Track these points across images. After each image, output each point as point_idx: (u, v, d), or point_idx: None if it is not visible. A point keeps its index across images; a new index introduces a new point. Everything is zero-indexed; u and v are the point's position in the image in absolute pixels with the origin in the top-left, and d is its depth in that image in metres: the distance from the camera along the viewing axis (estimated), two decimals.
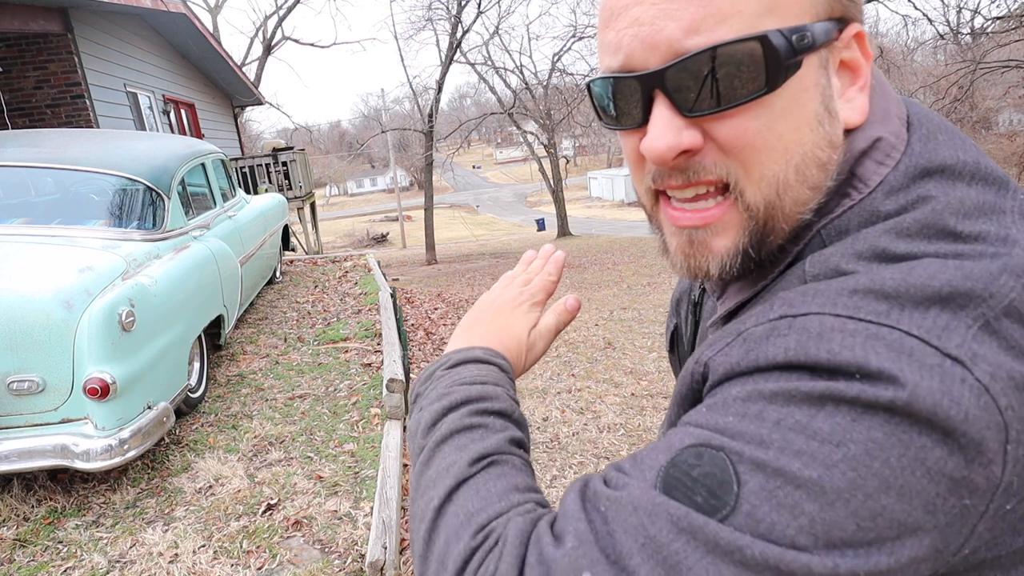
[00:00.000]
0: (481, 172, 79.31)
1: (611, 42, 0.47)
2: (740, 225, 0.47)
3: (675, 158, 0.45)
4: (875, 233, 0.44)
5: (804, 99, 0.44)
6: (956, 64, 16.08)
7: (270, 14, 20.65)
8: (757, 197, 0.46)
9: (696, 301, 0.70)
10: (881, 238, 0.43)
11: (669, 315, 0.81)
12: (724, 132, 0.44)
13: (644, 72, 0.45)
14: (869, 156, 0.47)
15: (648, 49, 0.44)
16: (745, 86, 0.43)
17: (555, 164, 24.34)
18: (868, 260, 0.42)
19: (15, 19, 5.40)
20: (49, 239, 2.97)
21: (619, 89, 0.47)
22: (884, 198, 0.45)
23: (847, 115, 0.47)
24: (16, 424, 2.43)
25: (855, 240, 0.44)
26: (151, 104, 8.46)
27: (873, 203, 0.45)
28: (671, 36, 0.43)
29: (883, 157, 0.47)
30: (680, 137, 0.45)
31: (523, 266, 0.75)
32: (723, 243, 0.48)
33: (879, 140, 0.47)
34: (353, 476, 2.75)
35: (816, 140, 0.45)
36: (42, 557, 2.24)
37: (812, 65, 0.44)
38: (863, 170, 0.47)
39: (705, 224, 0.48)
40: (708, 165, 0.46)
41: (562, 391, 4.50)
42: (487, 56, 22.85)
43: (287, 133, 29.02)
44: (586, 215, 39.08)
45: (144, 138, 4.27)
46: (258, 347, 4.38)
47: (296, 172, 10.42)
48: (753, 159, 0.45)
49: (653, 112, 0.46)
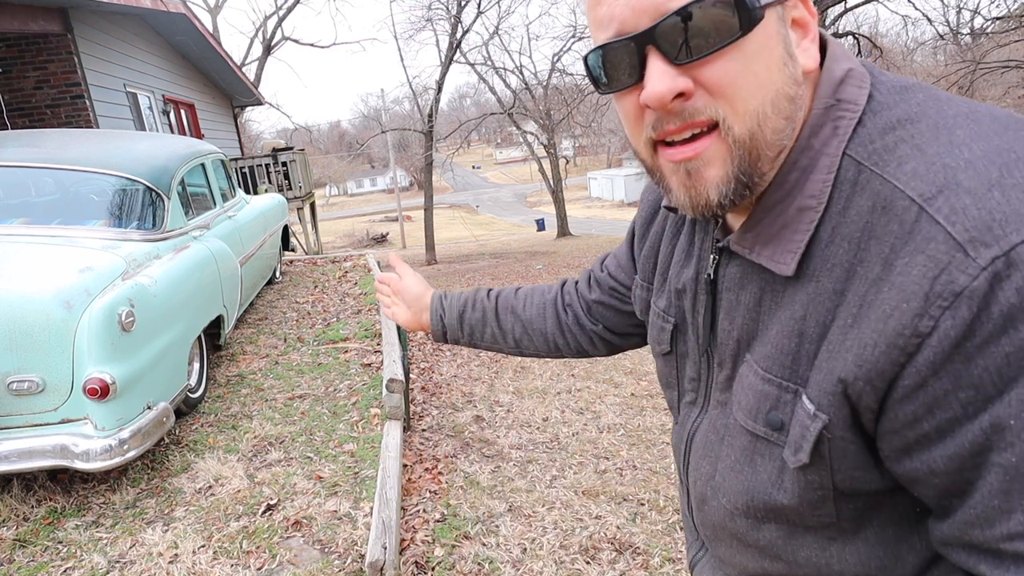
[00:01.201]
0: (481, 172, 79.30)
1: (603, 16, 0.55)
2: (728, 155, 0.54)
3: (672, 101, 0.53)
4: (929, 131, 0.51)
5: (771, 44, 0.53)
6: (956, 64, 16.07)
7: (270, 14, 20.67)
8: (743, 129, 0.53)
9: (710, 279, 0.68)
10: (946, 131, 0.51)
11: (655, 320, 0.79)
12: (710, 75, 0.52)
13: (637, 32, 0.52)
14: (847, 83, 0.56)
15: (638, 14, 0.52)
16: (723, 33, 0.51)
17: (555, 164, 24.35)
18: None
19: (15, 19, 5.40)
20: (49, 239, 2.97)
21: (616, 53, 0.55)
22: (891, 107, 0.54)
23: (804, 61, 0.56)
24: (16, 424, 2.43)
25: (923, 150, 0.50)
26: (151, 104, 8.46)
27: (886, 118, 0.54)
28: (657, 0, 0.51)
29: (859, 82, 0.56)
30: (675, 82, 0.52)
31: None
32: (716, 172, 0.55)
33: (851, 70, 0.57)
34: (353, 476, 2.75)
35: (784, 78, 0.54)
36: (42, 557, 2.24)
37: (772, 17, 0.53)
38: (847, 94, 0.56)
39: (697, 154, 0.55)
40: (700, 107, 0.53)
41: (562, 391, 4.50)
42: (487, 56, 22.87)
43: (287, 133, 29.01)
44: (586, 215, 39.08)
45: (144, 138, 4.27)
46: (258, 347, 4.38)
47: (296, 172, 10.42)
48: (737, 96, 0.52)
49: (648, 66, 0.53)
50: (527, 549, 2.45)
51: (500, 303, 1.05)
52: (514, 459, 3.33)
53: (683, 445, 0.76)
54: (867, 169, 0.52)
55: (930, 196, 0.47)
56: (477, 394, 4.41)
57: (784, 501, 0.60)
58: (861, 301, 0.50)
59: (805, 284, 0.55)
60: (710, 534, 0.74)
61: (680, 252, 0.74)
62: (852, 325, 0.51)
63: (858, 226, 0.51)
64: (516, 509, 2.77)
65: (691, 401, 0.75)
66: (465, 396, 4.36)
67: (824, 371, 0.53)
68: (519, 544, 2.48)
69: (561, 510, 2.77)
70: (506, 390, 4.52)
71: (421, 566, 2.30)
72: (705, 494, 0.71)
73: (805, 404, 0.55)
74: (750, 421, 0.61)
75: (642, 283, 0.84)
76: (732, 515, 0.67)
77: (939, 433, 0.48)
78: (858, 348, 0.50)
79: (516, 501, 2.84)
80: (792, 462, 0.57)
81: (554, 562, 2.37)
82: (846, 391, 0.52)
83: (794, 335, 0.56)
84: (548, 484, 3.04)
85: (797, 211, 0.55)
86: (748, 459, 0.63)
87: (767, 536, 0.65)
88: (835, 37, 13.53)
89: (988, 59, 14.82)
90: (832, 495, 0.58)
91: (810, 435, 0.55)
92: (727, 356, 0.66)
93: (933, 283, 0.45)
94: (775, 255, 0.57)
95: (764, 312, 0.60)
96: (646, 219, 0.84)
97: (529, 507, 2.79)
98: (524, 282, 10.92)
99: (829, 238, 0.53)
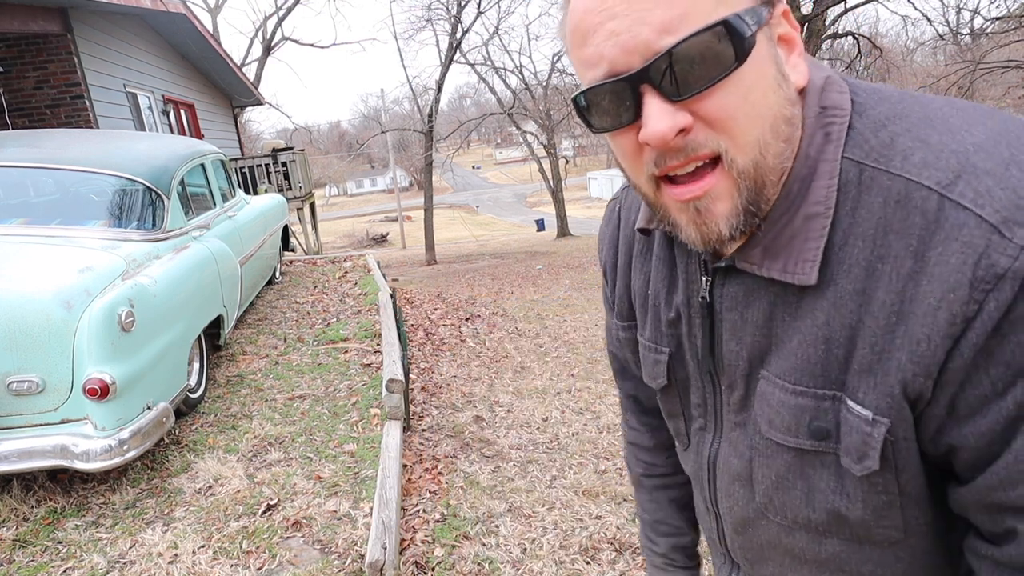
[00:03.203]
0: (481, 172, 79.29)
1: (591, 56, 0.53)
2: (735, 188, 0.53)
3: (674, 138, 0.51)
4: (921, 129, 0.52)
5: (764, 68, 0.52)
6: (956, 64, 16.06)
7: (270, 14, 20.69)
8: (746, 160, 0.52)
9: (705, 302, 0.65)
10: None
11: (646, 355, 0.76)
12: (709, 108, 0.51)
13: (630, 72, 0.50)
14: (828, 90, 0.56)
15: (629, 54, 0.50)
16: (718, 65, 0.49)
17: (555, 164, 24.35)
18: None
19: (15, 19, 5.40)
20: (49, 239, 2.97)
21: (610, 93, 0.53)
22: (874, 106, 0.55)
23: (795, 78, 0.55)
24: (16, 424, 2.43)
25: (924, 143, 0.51)
26: (151, 104, 8.46)
27: (873, 118, 0.54)
28: (647, 39, 0.49)
29: (839, 88, 0.57)
30: (675, 119, 0.51)
31: None
32: (724, 207, 0.54)
33: (828, 77, 0.57)
34: (353, 476, 2.75)
35: (780, 100, 0.53)
36: (42, 557, 2.24)
37: (763, 39, 0.52)
38: (831, 100, 0.56)
39: (705, 192, 0.54)
40: (701, 140, 0.52)
41: (562, 391, 4.50)
42: (487, 56, 22.87)
43: (287, 133, 29.00)
44: (586, 215, 39.03)
45: (144, 138, 4.27)
46: (258, 347, 4.38)
47: (296, 172, 10.42)
48: (736, 128, 0.51)
49: (645, 105, 0.51)
50: (527, 549, 2.45)
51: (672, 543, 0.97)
52: (514, 459, 3.33)
53: (704, 473, 0.74)
54: (869, 168, 0.52)
55: (948, 183, 0.47)
56: (477, 394, 4.40)
57: (849, 510, 0.60)
58: (900, 298, 0.50)
59: (823, 290, 0.55)
60: (753, 556, 0.73)
61: (660, 279, 0.72)
62: (898, 323, 0.50)
63: (871, 224, 0.51)
64: (516, 509, 2.77)
65: (701, 427, 0.73)
66: (465, 396, 4.36)
67: (878, 374, 0.52)
68: (519, 544, 2.48)
69: (561, 510, 2.77)
70: (506, 390, 4.52)
71: (421, 566, 2.30)
72: (748, 517, 0.69)
73: (855, 409, 0.54)
74: (790, 437, 0.60)
75: (622, 325, 0.82)
76: (790, 531, 0.66)
77: (971, 409, 0.49)
78: (911, 346, 0.49)
79: (516, 501, 2.84)
80: (858, 470, 0.56)
81: (554, 562, 2.37)
82: (905, 391, 0.51)
83: (820, 342, 0.56)
84: (548, 484, 3.04)
85: (804, 220, 0.55)
86: (799, 474, 0.62)
87: (830, 549, 0.64)
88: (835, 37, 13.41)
89: (988, 59, 14.82)
90: (899, 500, 0.58)
91: (874, 441, 0.54)
92: (738, 377, 0.64)
93: (975, 268, 0.45)
94: (788, 266, 0.56)
95: (778, 326, 0.59)
96: (611, 261, 0.81)
97: (529, 507, 2.79)
98: (523, 281, 10.92)
99: (842, 241, 0.53)
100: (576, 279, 10.69)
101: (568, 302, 8.23)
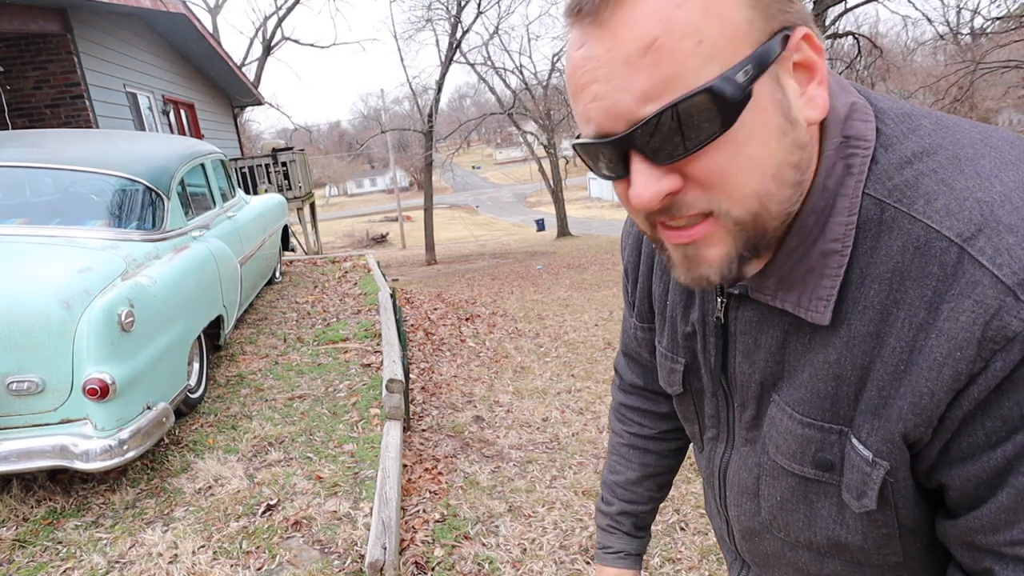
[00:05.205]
0: (481, 172, 79.27)
1: (581, 114, 0.52)
2: (729, 235, 0.51)
3: (660, 201, 0.50)
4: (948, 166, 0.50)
5: (764, 118, 0.48)
6: (956, 64, 16.07)
7: (270, 14, 20.71)
8: (743, 212, 0.50)
9: (720, 322, 0.65)
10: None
11: (663, 361, 0.77)
12: (698, 170, 0.49)
13: (614, 137, 0.49)
14: (852, 118, 0.53)
15: (611, 119, 0.49)
16: (704, 131, 0.46)
17: (555, 164, 24.35)
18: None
19: (15, 19, 5.40)
20: (48, 239, 2.97)
21: (599, 151, 0.52)
22: (902, 139, 0.52)
23: (808, 114, 0.50)
24: (15, 425, 2.43)
25: (950, 186, 0.48)
26: (151, 104, 8.46)
27: (899, 153, 0.51)
28: (627, 107, 0.47)
29: (864, 116, 0.53)
30: (660, 184, 0.49)
31: None
32: (716, 252, 0.53)
33: (854, 104, 0.54)
34: (353, 476, 2.75)
35: (785, 148, 0.49)
36: (41, 558, 2.24)
37: (764, 86, 0.47)
38: (854, 130, 0.53)
39: (693, 240, 0.52)
40: (691, 201, 0.50)
41: (562, 391, 4.50)
42: (487, 56, 22.87)
43: (287, 133, 29.01)
44: (586, 215, 39.05)
45: (144, 138, 4.27)
46: (258, 347, 4.38)
47: (295, 172, 10.42)
48: (731, 185, 0.49)
49: (632, 166, 0.50)
50: (527, 549, 2.45)
51: (627, 506, 0.99)
52: (514, 459, 3.33)
53: (716, 480, 0.76)
54: (891, 207, 0.50)
55: (969, 236, 0.46)
56: (477, 394, 4.40)
57: (848, 539, 0.61)
58: (910, 347, 0.49)
59: (837, 328, 0.54)
60: (761, 561, 0.75)
61: (678, 292, 0.72)
62: (904, 372, 0.50)
63: (888, 267, 0.50)
64: (516, 509, 2.77)
65: (713, 437, 0.75)
66: (465, 396, 4.36)
67: (881, 418, 0.53)
68: (519, 544, 2.48)
69: (561, 510, 2.77)
70: (506, 390, 4.52)
71: (421, 566, 2.30)
72: (754, 528, 0.71)
73: (857, 447, 0.55)
74: (796, 465, 0.61)
75: (640, 325, 0.83)
76: (793, 548, 0.68)
77: (963, 455, 0.50)
78: (913, 396, 0.50)
79: (516, 501, 2.84)
80: (856, 507, 0.57)
81: (554, 562, 2.37)
82: (906, 437, 0.52)
83: (830, 379, 0.55)
84: (548, 484, 3.04)
85: (821, 255, 0.53)
86: (802, 498, 0.63)
87: (831, 567, 0.66)
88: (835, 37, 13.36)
89: (988, 59, 14.83)
90: (898, 532, 0.59)
91: (873, 482, 0.55)
92: (750, 398, 0.65)
93: (985, 329, 0.45)
94: (802, 301, 0.55)
95: (790, 354, 0.59)
96: (633, 263, 0.81)
97: (529, 507, 2.79)
98: (523, 281, 10.92)
99: (859, 280, 0.52)
100: (576, 279, 10.68)
101: (568, 302, 8.22)
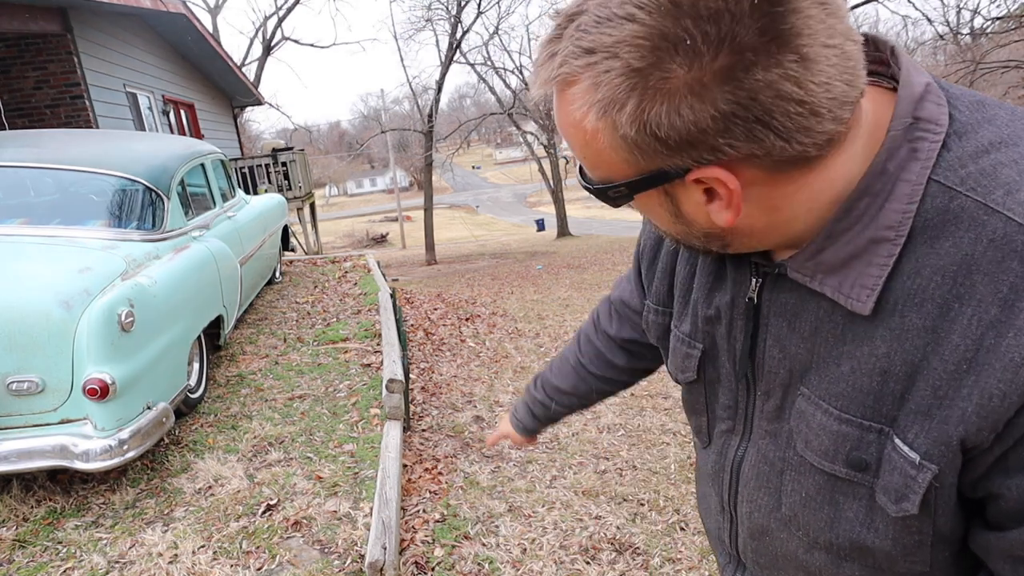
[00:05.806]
0: (481, 172, 79.26)
1: None
2: None
3: None
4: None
5: (654, 208, 0.56)
6: (956, 64, 16.06)
7: (270, 14, 20.70)
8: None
9: (752, 303, 0.63)
10: None
11: (677, 346, 0.74)
12: None
13: (591, 188, 0.57)
14: (926, 99, 0.50)
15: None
16: (624, 197, 0.55)
17: (555, 164, 24.34)
18: None
19: (14, 19, 5.40)
20: (48, 239, 2.97)
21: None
22: (977, 127, 0.50)
23: (716, 220, 0.53)
24: (15, 425, 2.43)
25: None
26: (151, 104, 8.46)
27: (975, 141, 0.49)
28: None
29: (938, 99, 0.51)
30: None
31: None
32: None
33: (928, 84, 0.51)
34: (353, 476, 2.75)
35: (687, 230, 0.57)
36: (41, 557, 2.24)
37: (651, 195, 0.54)
38: (926, 112, 0.50)
39: None
40: None
41: None
42: (487, 56, 22.86)
43: (287, 133, 28.98)
44: (586, 215, 39.03)
45: (143, 138, 4.27)
46: (258, 347, 4.38)
47: (296, 172, 10.42)
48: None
49: None
50: (527, 549, 2.45)
51: (554, 398, 1.18)
52: (514, 459, 3.32)
53: (727, 475, 0.72)
54: (962, 195, 0.47)
55: None
56: (477, 394, 4.40)
57: (875, 543, 0.58)
58: (976, 345, 0.46)
59: (885, 319, 0.51)
60: (766, 562, 0.72)
61: (706, 274, 0.69)
62: (968, 371, 0.47)
63: (954, 258, 0.47)
64: (516, 509, 2.77)
65: (728, 429, 0.71)
66: (465, 396, 4.36)
67: (935, 419, 0.49)
68: (519, 544, 2.48)
69: (561, 510, 2.76)
70: (506, 390, 4.52)
71: (421, 566, 2.30)
72: (768, 526, 0.68)
73: (901, 448, 0.52)
74: (826, 462, 0.58)
75: (656, 307, 0.79)
76: (810, 549, 0.64)
77: (1022, 466, 0.48)
78: (980, 398, 0.46)
79: (516, 501, 2.84)
80: (894, 511, 0.54)
81: (554, 562, 2.37)
82: (964, 441, 0.49)
83: (876, 373, 0.52)
84: (548, 484, 3.04)
85: (870, 242, 0.50)
86: (828, 497, 0.60)
87: (848, 572, 0.63)
88: None
89: (988, 59, 14.82)
90: (931, 540, 0.56)
91: (918, 486, 0.52)
92: (776, 386, 0.62)
93: None
94: (843, 287, 0.52)
95: (820, 343, 0.56)
96: (655, 240, 0.78)
97: (529, 507, 2.79)
98: (523, 281, 10.91)
99: (914, 270, 0.49)
100: (576, 279, 10.68)
101: (568, 302, 8.22)
